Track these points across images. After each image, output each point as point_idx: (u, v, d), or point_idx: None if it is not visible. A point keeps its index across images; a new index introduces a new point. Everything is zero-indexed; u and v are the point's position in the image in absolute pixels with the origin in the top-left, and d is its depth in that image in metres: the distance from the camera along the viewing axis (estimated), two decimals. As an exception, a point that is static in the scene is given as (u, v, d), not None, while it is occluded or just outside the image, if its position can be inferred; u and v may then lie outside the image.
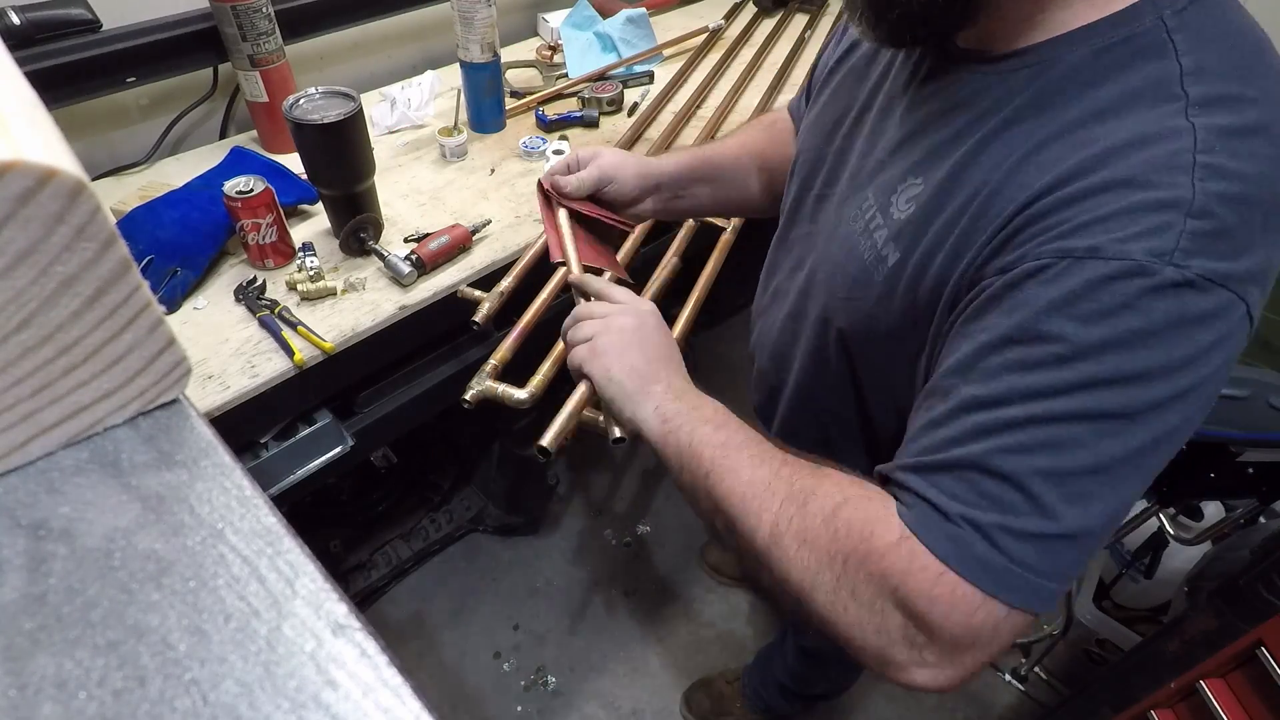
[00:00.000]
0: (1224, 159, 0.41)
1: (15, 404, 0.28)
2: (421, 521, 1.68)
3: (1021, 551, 0.42)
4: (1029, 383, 0.42)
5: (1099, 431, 0.41)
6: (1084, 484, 0.42)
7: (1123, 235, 0.40)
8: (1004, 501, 0.42)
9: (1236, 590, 0.89)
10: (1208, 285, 0.40)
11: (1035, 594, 0.43)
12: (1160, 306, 0.40)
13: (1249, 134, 0.42)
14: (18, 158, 0.23)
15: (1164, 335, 0.40)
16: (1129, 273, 0.40)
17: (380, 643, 0.25)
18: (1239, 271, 0.40)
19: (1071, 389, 0.41)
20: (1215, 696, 0.89)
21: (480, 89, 1.22)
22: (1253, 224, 0.41)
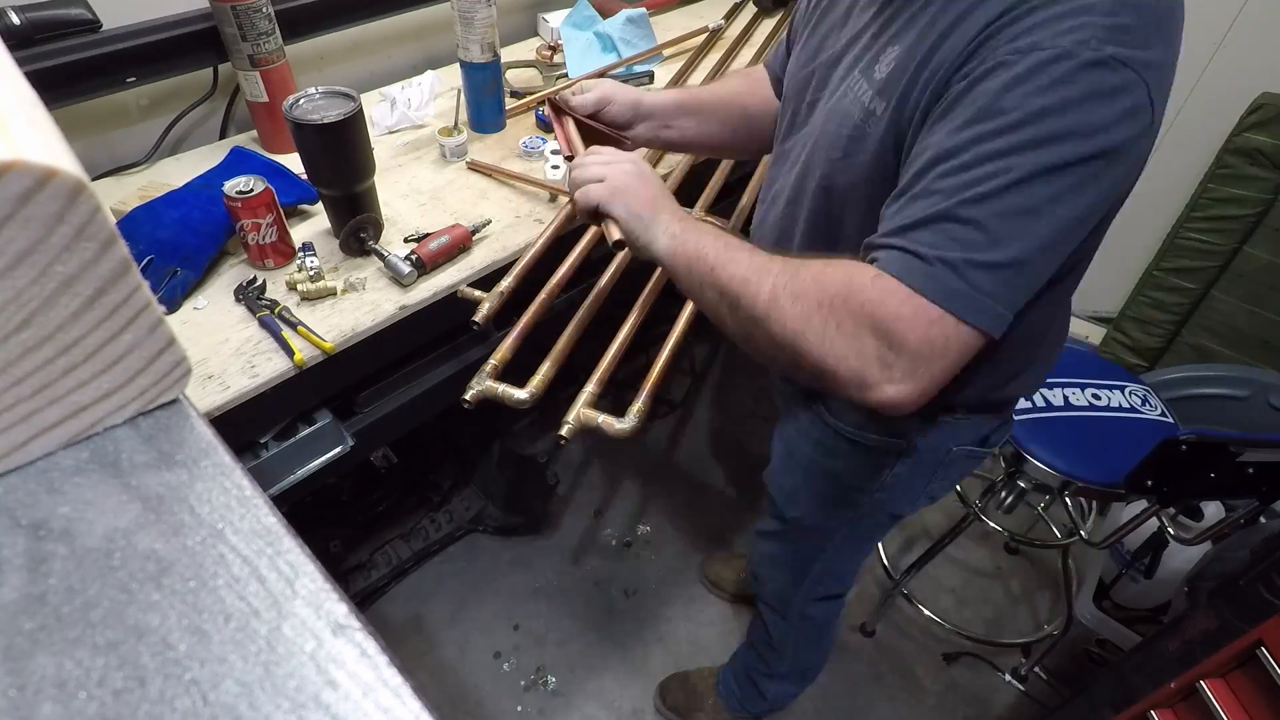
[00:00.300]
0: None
1: (15, 404, 0.28)
2: (421, 521, 1.68)
3: (982, 280, 0.54)
4: (989, 147, 0.53)
5: (1042, 179, 0.52)
6: (1028, 221, 0.54)
7: (1055, 32, 0.52)
8: (969, 241, 0.54)
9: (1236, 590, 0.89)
10: (1117, 65, 0.51)
11: (989, 315, 0.55)
12: (1084, 79, 0.51)
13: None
14: (18, 158, 0.23)
15: (1087, 101, 0.51)
16: (1060, 56, 0.51)
17: (380, 643, 0.25)
18: (1141, 58, 0.52)
19: (1021, 146, 0.52)
20: (1215, 696, 0.89)
21: (480, 89, 1.22)
22: (1149, 25, 0.52)
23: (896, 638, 1.64)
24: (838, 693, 1.53)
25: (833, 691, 1.52)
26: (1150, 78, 0.53)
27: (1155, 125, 0.55)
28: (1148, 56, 0.53)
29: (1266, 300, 1.67)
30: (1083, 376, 1.38)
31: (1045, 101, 0.52)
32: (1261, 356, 1.72)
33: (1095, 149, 0.52)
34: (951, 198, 0.54)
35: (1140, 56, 0.52)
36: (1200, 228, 1.68)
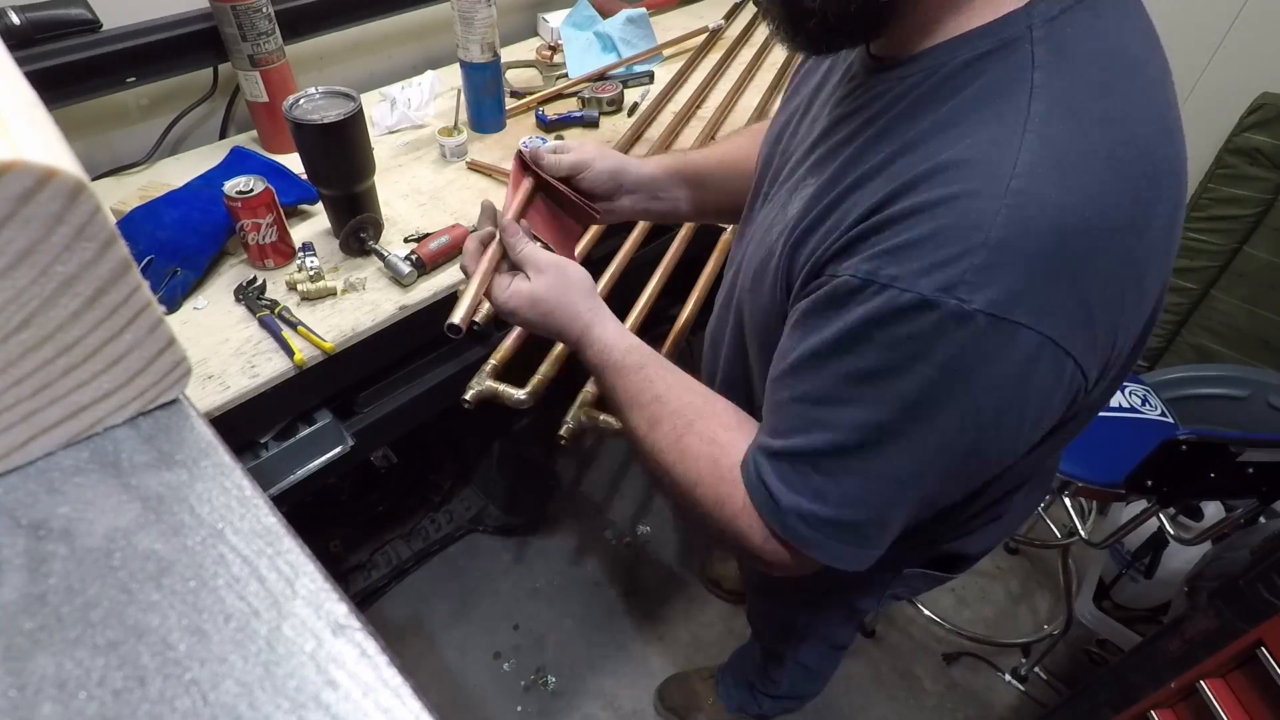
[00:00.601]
0: (1043, 185, 0.40)
1: (15, 404, 0.28)
2: (421, 521, 1.68)
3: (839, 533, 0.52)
4: (844, 391, 0.48)
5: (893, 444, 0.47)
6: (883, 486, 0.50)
7: (919, 266, 0.42)
8: (824, 493, 0.51)
9: (1236, 590, 0.89)
10: (994, 321, 0.41)
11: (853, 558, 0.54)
12: (943, 341, 0.42)
13: (1085, 160, 0.41)
14: (18, 158, 0.23)
15: (947, 365, 0.43)
16: (917, 306, 0.42)
17: (380, 643, 0.25)
18: (1034, 304, 0.41)
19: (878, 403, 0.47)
20: (1215, 696, 0.89)
21: (480, 89, 1.22)
22: (1065, 254, 0.40)
23: (896, 638, 1.64)
24: (838, 693, 1.53)
25: (833, 691, 1.52)
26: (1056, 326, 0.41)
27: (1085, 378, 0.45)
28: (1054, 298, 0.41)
29: (1266, 300, 1.67)
30: (1083, 376, 1.38)
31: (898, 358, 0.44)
32: (1261, 356, 1.72)
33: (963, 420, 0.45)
34: (810, 434, 0.51)
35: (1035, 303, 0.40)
36: (1200, 228, 1.68)
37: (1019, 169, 0.40)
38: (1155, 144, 0.44)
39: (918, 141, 0.45)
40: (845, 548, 0.53)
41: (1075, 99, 0.42)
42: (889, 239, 0.44)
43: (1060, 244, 0.40)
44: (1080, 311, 0.42)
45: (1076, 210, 0.40)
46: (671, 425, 0.61)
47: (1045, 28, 0.43)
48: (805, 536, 0.53)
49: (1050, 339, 0.41)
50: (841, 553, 0.53)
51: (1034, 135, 0.41)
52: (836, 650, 1.14)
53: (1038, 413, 0.46)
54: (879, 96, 0.50)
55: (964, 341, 0.41)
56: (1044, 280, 0.40)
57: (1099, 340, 0.44)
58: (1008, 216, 0.40)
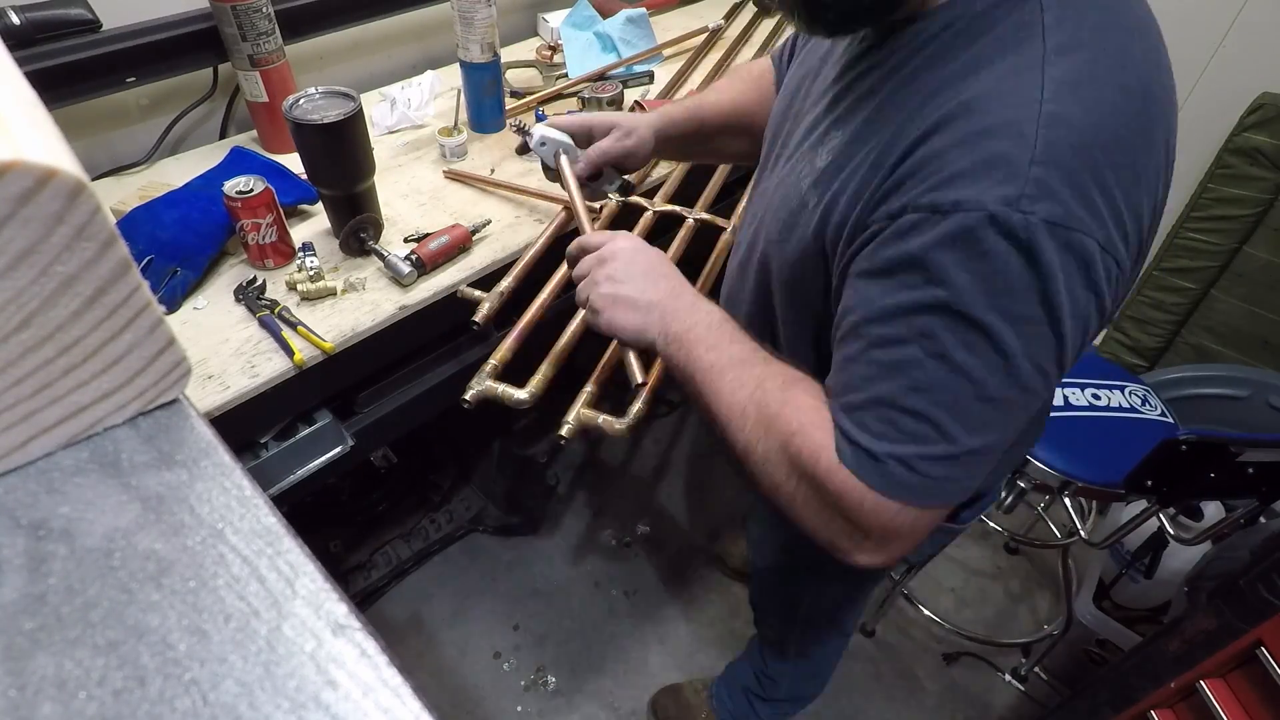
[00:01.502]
0: (1070, 107, 0.45)
1: (15, 404, 0.28)
2: (421, 521, 1.68)
3: (938, 470, 0.52)
4: (922, 324, 0.49)
5: (984, 366, 0.48)
6: (977, 412, 0.50)
7: (979, 188, 0.45)
8: (918, 434, 0.51)
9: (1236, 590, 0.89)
10: (1054, 229, 0.45)
11: (949, 496, 0.53)
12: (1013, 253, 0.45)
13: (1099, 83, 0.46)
14: (18, 158, 0.23)
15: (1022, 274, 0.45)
16: (986, 223, 0.45)
17: (380, 643, 0.25)
18: (1084, 212, 0.45)
19: (956, 329, 0.48)
20: (1215, 696, 0.89)
21: (480, 89, 1.22)
22: (1097, 166, 0.45)
23: (896, 638, 1.64)
24: (838, 693, 1.53)
25: (833, 691, 1.52)
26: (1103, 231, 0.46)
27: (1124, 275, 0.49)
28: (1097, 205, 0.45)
29: (1266, 300, 1.67)
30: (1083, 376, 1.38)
31: (972, 279, 0.46)
32: (1261, 356, 1.72)
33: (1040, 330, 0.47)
34: (892, 379, 0.51)
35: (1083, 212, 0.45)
36: (1200, 228, 1.68)
37: (1046, 95, 0.45)
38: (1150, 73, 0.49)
39: (944, 86, 0.49)
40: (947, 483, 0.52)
41: (1081, 36, 0.47)
42: (939, 171, 0.47)
43: (1093, 157, 0.45)
44: (1115, 216, 0.46)
45: (1100, 127, 0.46)
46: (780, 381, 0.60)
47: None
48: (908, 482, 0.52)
49: (1099, 244, 0.46)
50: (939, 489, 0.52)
51: (1053, 67, 0.46)
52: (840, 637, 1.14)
53: (1099, 314, 0.49)
54: (898, 50, 0.54)
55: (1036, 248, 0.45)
56: (1087, 190, 0.45)
57: (1129, 242, 0.48)
58: (1046, 137, 0.45)
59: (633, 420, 0.79)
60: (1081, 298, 0.47)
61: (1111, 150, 0.46)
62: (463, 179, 1.15)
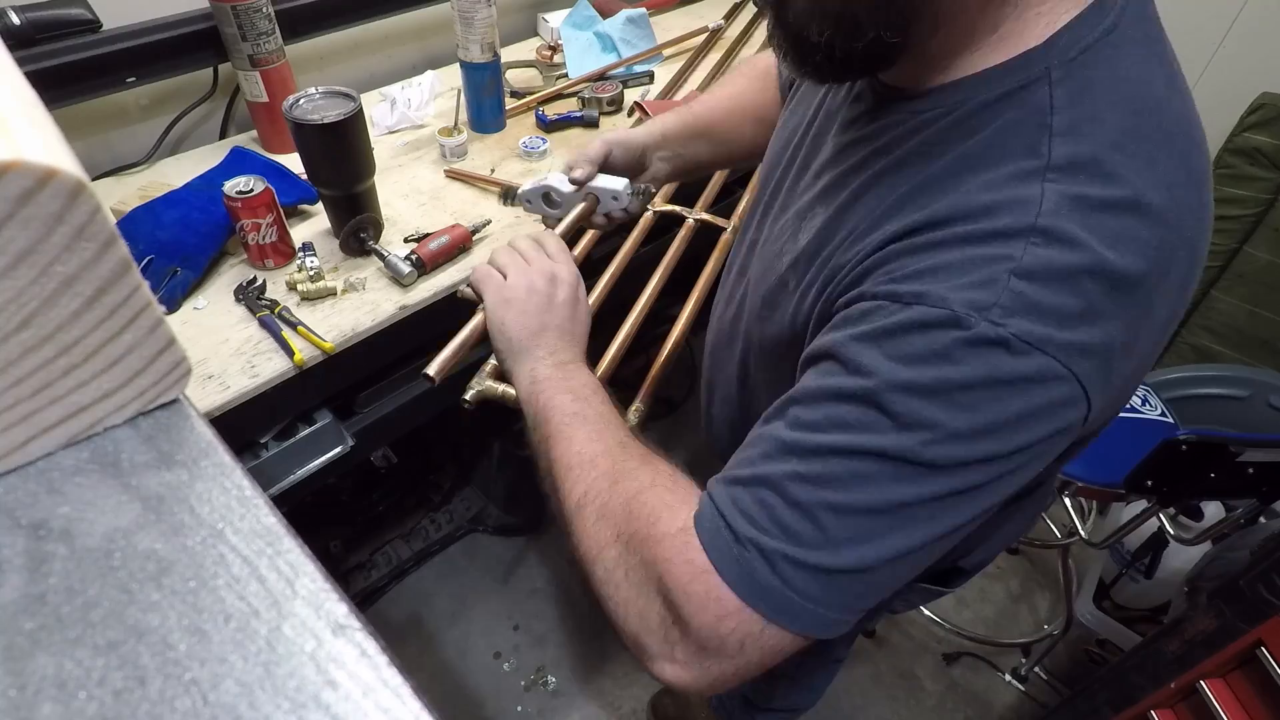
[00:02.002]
0: (1071, 226, 0.39)
1: (15, 404, 0.28)
2: (421, 521, 1.68)
3: (804, 583, 0.42)
4: (839, 413, 0.42)
5: (894, 474, 0.41)
6: (871, 523, 0.41)
7: (948, 286, 0.40)
8: (793, 531, 0.42)
9: (1236, 590, 0.89)
10: (1024, 348, 0.38)
11: (815, 621, 0.43)
12: (970, 361, 0.39)
13: (1109, 207, 0.39)
14: (18, 158, 0.23)
15: (971, 391, 0.39)
16: (944, 322, 0.39)
17: (380, 643, 0.25)
18: (1064, 340, 0.38)
19: (874, 426, 0.41)
20: (1215, 696, 0.89)
21: (480, 89, 1.22)
22: (1091, 296, 0.39)
23: (897, 638, 1.64)
24: (838, 693, 1.53)
25: (833, 691, 1.52)
26: (1082, 367, 0.39)
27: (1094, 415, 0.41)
28: (1082, 338, 0.39)
29: (1266, 300, 1.67)
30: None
31: (913, 376, 0.40)
32: (1261, 356, 1.72)
33: (979, 452, 0.40)
34: (787, 461, 0.43)
35: (1064, 338, 0.38)
36: (1200, 228, 1.68)
37: (1044, 209, 0.39)
38: (1177, 193, 0.41)
39: (934, 181, 0.44)
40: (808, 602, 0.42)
41: (1097, 146, 0.40)
42: (910, 265, 0.42)
43: (1088, 286, 0.39)
44: (1101, 356, 0.40)
45: (1103, 255, 0.39)
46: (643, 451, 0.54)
47: (1065, 68, 0.42)
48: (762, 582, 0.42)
49: (1077, 379, 0.39)
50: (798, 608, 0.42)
51: (1056, 181, 0.40)
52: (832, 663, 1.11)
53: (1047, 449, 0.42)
54: (890, 128, 0.49)
55: (992, 365, 0.38)
56: (1074, 319, 0.39)
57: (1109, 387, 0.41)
58: (1037, 254, 0.39)
59: (633, 421, 0.79)
60: (1037, 432, 0.40)
61: (1115, 283, 0.39)
62: (464, 178, 1.14)
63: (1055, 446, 0.42)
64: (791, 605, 0.42)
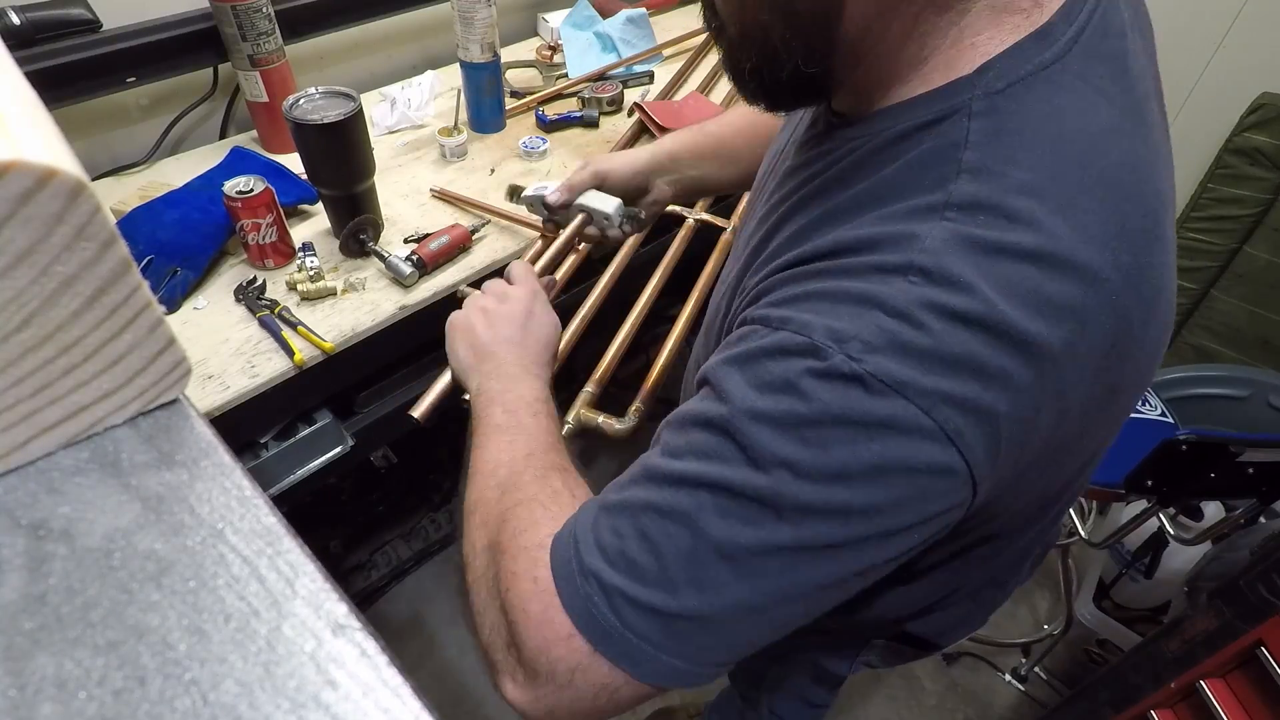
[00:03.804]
0: (957, 267, 0.35)
1: (15, 404, 0.28)
2: (421, 521, 1.68)
3: (636, 621, 0.39)
4: (697, 440, 0.39)
5: (740, 513, 0.37)
6: (714, 566, 0.38)
7: (814, 315, 0.37)
8: (636, 566, 0.39)
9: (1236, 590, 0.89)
10: (881, 388, 0.34)
11: (661, 670, 0.39)
12: (821, 395, 0.35)
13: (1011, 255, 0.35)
14: (18, 158, 0.23)
15: (821, 428, 0.35)
16: (802, 350, 0.36)
17: (380, 643, 0.25)
18: (928, 386, 0.34)
19: (725, 456, 0.38)
20: (1215, 696, 0.89)
21: (480, 89, 1.22)
22: (972, 345, 0.34)
23: (896, 638, 1.64)
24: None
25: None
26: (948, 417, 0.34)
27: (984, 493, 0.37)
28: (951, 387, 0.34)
29: (1266, 300, 1.67)
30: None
31: (767, 406, 0.37)
32: (1261, 356, 1.72)
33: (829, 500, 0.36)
34: (646, 488, 0.41)
35: (929, 384, 0.34)
36: (1200, 228, 1.68)
37: (928, 245, 0.36)
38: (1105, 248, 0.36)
39: (840, 210, 0.42)
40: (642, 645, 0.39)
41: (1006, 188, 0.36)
42: (789, 291, 0.40)
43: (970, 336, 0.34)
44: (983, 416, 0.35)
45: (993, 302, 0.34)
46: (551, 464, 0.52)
47: (988, 100, 0.38)
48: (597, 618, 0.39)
49: (948, 436, 0.34)
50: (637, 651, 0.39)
51: (953, 220, 0.36)
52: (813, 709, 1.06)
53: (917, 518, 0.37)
54: (825, 155, 0.47)
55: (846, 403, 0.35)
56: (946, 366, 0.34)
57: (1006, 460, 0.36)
58: (914, 292, 0.35)
59: (633, 421, 0.79)
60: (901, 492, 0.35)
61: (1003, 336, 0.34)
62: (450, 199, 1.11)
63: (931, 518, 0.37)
64: (630, 647, 0.39)
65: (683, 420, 0.42)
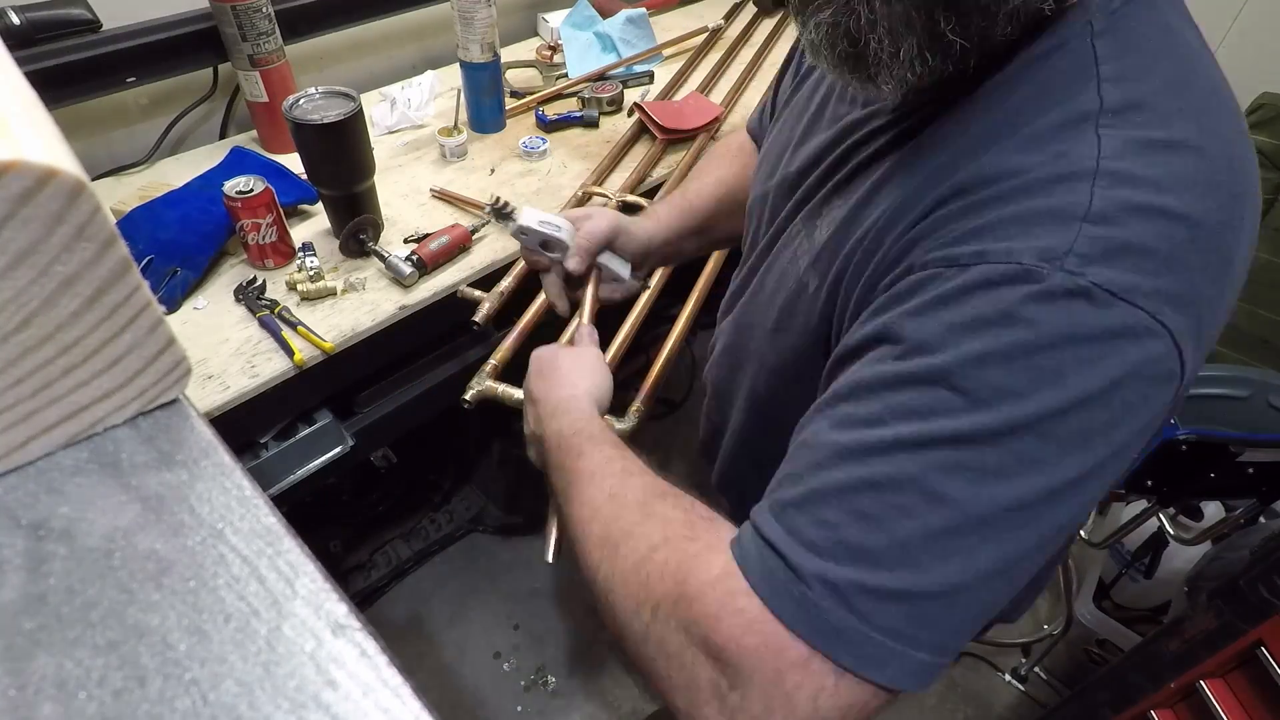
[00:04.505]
0: (1136, 167, 0.35)
1: (15, 404, 0.28)
2: (421, 521, 1.68)
3: (884, 615, 0.35)
4: (901, 400, 0.36)
5: (977, 464, 0.34)
6: (958, 530, 0.34)
7: (1012, 239, 0.35)
8: (865, 551, 0.35)
9: (1236, 590, 0.89)
10: (1108, 298, 0.33)
11: (904, 667, 0.35)
12: (1048, 317, 0.33)
13: (1174, 148, 0.36)
14: (18, 158, 0.23)
15: (1054, 352, 0.33)
16: (1013, 278, 0.34)
17: (380, 643, 0.25)
18: (1151, 288, 0.33)
19: (946, 409, 0.35)
20: (1215, 696, 0.89)
21: (480, 89, 1.22)
22: (1174, 239, 0.34)
23: (896, 638, 1.64)
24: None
25: (833, 691, 1.52)
26: (1173, 319, 0.34)
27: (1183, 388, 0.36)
28: (1169, 286, 0.34)
29: (1266, 300, 1.67)
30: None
31: (986, 345, 0.34)
32: (1261, 356, 1.72)
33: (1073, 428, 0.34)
34: (846, 467, 0.37)
35: (1150, 286, 0.33)
36: (1200, 228, 1.68)
37: (1105, 151, 0.36)
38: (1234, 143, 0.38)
39: (974, 142, 0.40)
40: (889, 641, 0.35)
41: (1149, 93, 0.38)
42: (963, 226, 0.38)
43: (1168, 230, 0.34)
44: (1191, 308, 0.35)
45: (1179, 197, 0.35)
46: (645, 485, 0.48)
47: (1106, 19, 0.39)
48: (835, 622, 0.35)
49: (1171, 335, 0.34)
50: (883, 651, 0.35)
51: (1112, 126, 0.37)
52: None
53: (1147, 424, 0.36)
54: (911, 113, 0.46)
55: (1074, 321, 0.33)
56: (1157, 266, 0.34)
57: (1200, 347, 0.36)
58: (1107, 195, 0.35)
59: (633, 421, 0.79)
60: (1131, 398, 0.34)
61: (1195, 226, 0.35)
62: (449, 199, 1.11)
63: (1154, 422, 0.36)
64: (872, 647, 0.35)
65: (864, 386, 0.38)
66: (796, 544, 0.36)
